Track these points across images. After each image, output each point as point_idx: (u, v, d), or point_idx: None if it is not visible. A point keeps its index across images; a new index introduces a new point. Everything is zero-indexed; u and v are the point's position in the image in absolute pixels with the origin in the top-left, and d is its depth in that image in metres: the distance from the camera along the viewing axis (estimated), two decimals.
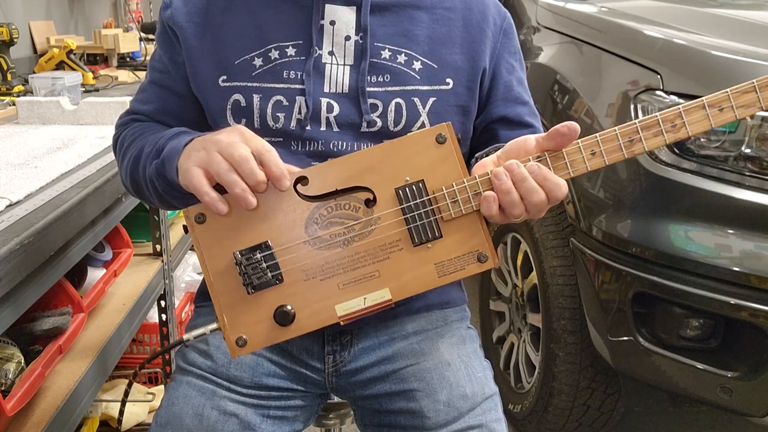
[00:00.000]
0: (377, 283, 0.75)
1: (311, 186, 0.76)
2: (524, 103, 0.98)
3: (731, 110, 0.76)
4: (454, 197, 0.76)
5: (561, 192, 0.74)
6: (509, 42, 0.98)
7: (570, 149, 0.75)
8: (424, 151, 0.77)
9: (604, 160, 0.75)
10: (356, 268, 0.76)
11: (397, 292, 0.75)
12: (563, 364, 1.69)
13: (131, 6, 3.47)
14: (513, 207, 0.74)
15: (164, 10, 0.95)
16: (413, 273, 0.76)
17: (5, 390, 1.02)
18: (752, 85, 0.75)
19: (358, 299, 0.75)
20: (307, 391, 0.99)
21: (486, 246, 0.76)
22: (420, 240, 0.76)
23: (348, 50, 0.90)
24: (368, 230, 0.76)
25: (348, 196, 0.77)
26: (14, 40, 2.02)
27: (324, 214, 0.76)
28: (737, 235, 1.34)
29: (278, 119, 0.89)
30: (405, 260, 0.76)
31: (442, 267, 0.76)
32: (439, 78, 0.91)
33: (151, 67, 0.99)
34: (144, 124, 0.96)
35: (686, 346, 1.42)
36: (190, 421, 0.91)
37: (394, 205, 0.76)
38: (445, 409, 0.92)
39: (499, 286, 2.15)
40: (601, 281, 1.51)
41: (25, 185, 1.09)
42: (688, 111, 0.75)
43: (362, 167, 0.77)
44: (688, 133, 0.76)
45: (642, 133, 0.75)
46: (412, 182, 0.76)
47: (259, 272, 0.75)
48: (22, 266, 0.91)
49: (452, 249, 0.76)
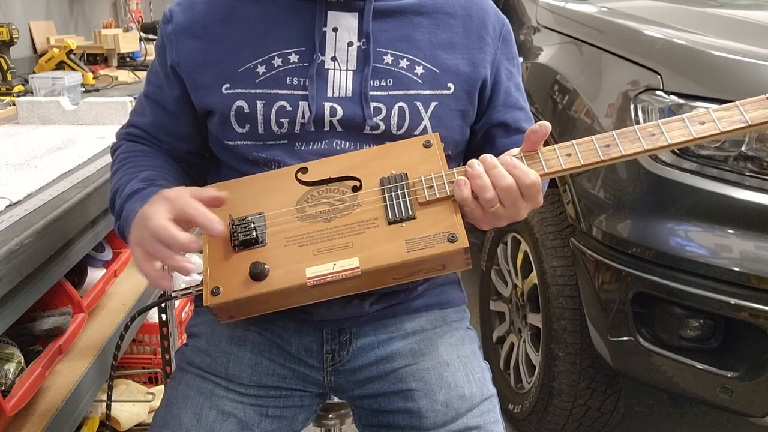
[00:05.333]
0: (348, 252, 0.80)
1: (309, 174, 0.87)
2: (521, 109, 1.00)
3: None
4: (431, 183, 0.82)
5: (529, 179, 0.78)
6: (508, 48, 0.99)
7: (545, 149, 0.82)
8: (411, 153, 0.86)
9: (579, 159, 0.80)
10: (333, 239, 0.82)
11: (365, 261, 0.79)
12: (563, 365, 1.69)
13: (131, 6, 3.47)
14: (484, 191, 0.78)
15: (165, 24, 0.95)
16: (384, 246, 0.80)
17: (5, 390, 1.02)
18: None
19: (328, 264, 0.80)
20: (306, 390, 0.99)
21: (457, 228, 0.80)
22: (394, 217, 0.81)
23: (351, 56, 0.91)
24: (350, 209, 0.83)
25: (338, 183, 0.86)
26: (14, 40, 2.02)
27: (315, 195, 0.85)
28: (737, 235, 1.34)
29: (282, 125, 0.90)
30: (378, 235, 0.81)
31: (412, 243, 0.80)
32: (440, 82, 0.92)
33: (148, 80, 1.01)
34: (129, 152, 0.99)
35: (686, 346, 1.42)
36: (188, 421, 0.91)
37: (376, 190, 0.84)
38: (444, 410, 0.92)
39: (499, 286, 2.15)
40: (601, 281, 1.51)
41: (25, 185, 1.09)
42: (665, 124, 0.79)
43: (356, 163, 0.87)
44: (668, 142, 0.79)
45: (618, 138, 0.80)
46: (395, 174, 0.84)
47: (246, 232, 0.83)
48: (22, 266, 0.91)
49: (424, 228, 0.80)
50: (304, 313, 0.94)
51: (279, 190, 0.86)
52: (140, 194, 0.88)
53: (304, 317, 0.95)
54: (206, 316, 1.01)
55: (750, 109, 0.78)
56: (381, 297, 0.96)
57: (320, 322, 0.95)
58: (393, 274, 0.81)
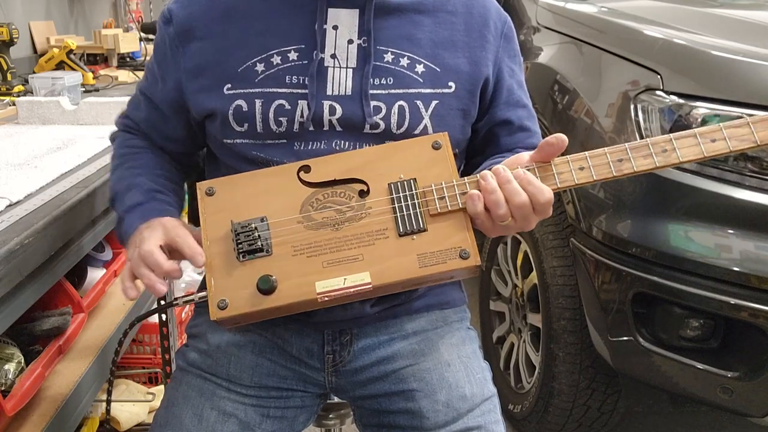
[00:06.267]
0: (359, 265, 0.78)
1: (312, 174, 0.83)
2: (524, 106, 0.99)
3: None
4: (442, 194, 0.80)
5: (544, 197, 0.77)
6: (510, 46, 0.99)
7: (558, 161, 0.79)
8: (420, 154, 0.83)
9: (591, 174, 0.79)
10: (342, 250, 0.79)
11: (376, 277, 0.78)
12: (563, 364, 1.69)
13: (131, 6, 3.47)
14: (497, 207, 0.77)
15: (165, 25, 0.95)
16: (395, 260, 0.78)
17: (5, 390, 1.02)
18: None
19: (339, 279, 0.78)
20: (307, 390, 0.99)
21: (469, 243, 0.79)
22: (405, 230, 0.79)
23: (351, 54, 0.90)
24: (358, 217, 0.80)
25: (344, 186, 0.82)
26: (14, 40, 2.02)
27: (320, 199, 0.82)
28: (737, 235, 1.34)
29: (281, 123, 0.89)
30: (389, 248, 0.79)
31: (424, 258, 0.78)
32: (441, 81, 0.91)
33: (144, 76, 1.02)
34: (127, 148, 1.02)
35: (686, 346, 1.42)
36: (189, 422, 0.91)
37: (385, 198, 0.81)
38: (444, 410, 0.92)
39: (499, 286, 2.15)
40: (601, 281, 1.51)
41: (25, 185, 1.09)
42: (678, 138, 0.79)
43: (361, 163, 0.83)
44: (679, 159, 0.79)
45: (631, 153, 0.79)
46: (404, 179, 0.81)
47: (251, 240, 0.80)
48: (22, 266, 0.91)
49: (436, 242, 0.79)
50: (305, 314, 0.94)
51: (281, 191, 0.83)
52: (141, 209, 0.92)
53: (305, 319, 0.95)
54: (207, 316, 1.01)
55: (760, 129, 0.79)
56: (382, 298, 0.95)
57: (321, 323, 0.95)
58: (402, 286, 0.81)
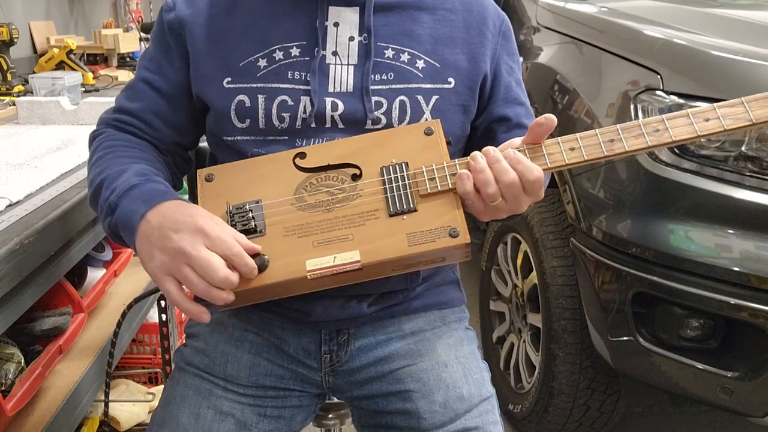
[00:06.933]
0: (349, 245, 0.80)
1: (308, 160, 0.86)
2: (521, 104, 1.00)
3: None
4: (432, 175, 0.81)
5: (533, 175, 0.77)
6: (508, 44, 1.00)
7: (549, 142, 0.80)
8: (412, 140, 0.85)
9: (582, 154, 0.79)
10: (333, 230, 0.81)
11: (366, 255, 0.79)
12: (563, 364, 1.69)
13: (131, 6, 3.47)
14: (486, 186, 0.78)
15: (167, 12, 0.95)
16: (385, 239, 0.79)
17: (5, 390, 1.02)
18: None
19: (329, 257, 0.79)
20: (304, 390, 0.99)
21: (458, 222, 0.79)
22: (395, 210, 0.80)
23: (352, 50, 0.91)
24: (350, 199, 0.82)
25: (337, 171, 0.85)
26: (14, 40, 2.02)
27: (314, 183, 0.84)
28: (737, 235, 1.34)
29: (283, 119, 0.90)
30: (379, 228, 0.80)
31: (413, 237, 0.79)
32: (441, 77, 0.92)
33: (143, 66, 0.97)
34: (114, 140, 0.93)
35: (686, 346, 1.42)
36: (186, 421, 0.91)
37: (376, 179, 0.83)
38: (442, 411, 0.92)
39: (499, 286, 2.15)
40: (601, 281, 1.51)
41: (25, 185, 1.09)
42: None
43: (355, 149, 0.85)
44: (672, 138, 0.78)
45: (622, 133, 0.79)
46: (396, 162, 0.83)
47: (245, 221, 0.82)
48: (22, 266, 0.91)
49: (425, 222, 0.80)
50: (303, 313, 0.94)
51: (277, 176, 0.85)
52: (137, 196, 0.81)
53: (303, 318, 0.95)
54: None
55: (755, 107, 0.78)
56: (379, 298, 0.96)
57: (318, 322, 0.95)
58: (392, 267, 0.81)
